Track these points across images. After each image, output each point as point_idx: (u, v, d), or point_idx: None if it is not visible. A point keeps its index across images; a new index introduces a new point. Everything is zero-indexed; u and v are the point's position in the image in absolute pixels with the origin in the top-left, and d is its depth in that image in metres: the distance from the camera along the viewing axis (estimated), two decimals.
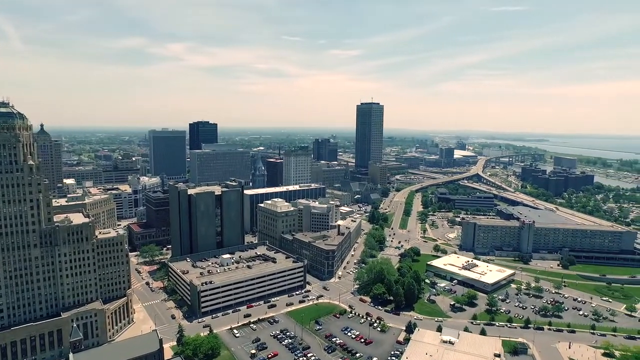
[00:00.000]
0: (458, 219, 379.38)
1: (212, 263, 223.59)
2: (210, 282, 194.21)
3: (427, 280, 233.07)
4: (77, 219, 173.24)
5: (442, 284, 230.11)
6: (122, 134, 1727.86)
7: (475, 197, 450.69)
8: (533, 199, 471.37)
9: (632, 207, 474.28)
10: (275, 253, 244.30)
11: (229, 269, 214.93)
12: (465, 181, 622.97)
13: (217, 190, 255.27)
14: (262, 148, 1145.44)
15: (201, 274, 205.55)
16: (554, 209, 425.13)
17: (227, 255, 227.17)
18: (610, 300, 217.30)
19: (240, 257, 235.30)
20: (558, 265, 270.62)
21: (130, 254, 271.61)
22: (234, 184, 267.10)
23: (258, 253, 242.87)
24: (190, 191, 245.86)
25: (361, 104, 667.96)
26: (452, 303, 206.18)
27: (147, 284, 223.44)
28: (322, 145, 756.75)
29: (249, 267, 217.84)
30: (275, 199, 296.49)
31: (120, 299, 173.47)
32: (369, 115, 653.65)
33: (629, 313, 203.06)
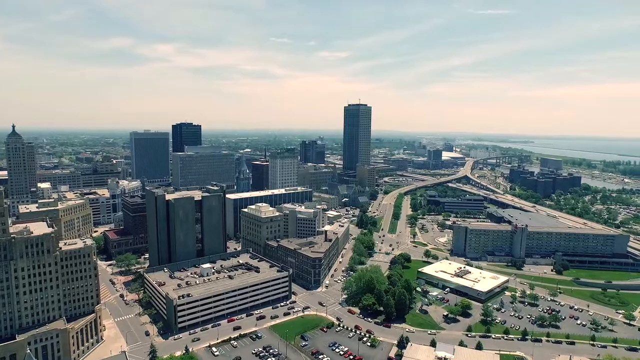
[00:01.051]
0: (448, 223, 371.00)
1: (191, 273, 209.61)
2: (188, 295, 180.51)
3: (418, 289, 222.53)
4: (39, 229, 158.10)
5: (434, 292, 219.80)
6: (107, 136, 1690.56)
7: (465, 200, 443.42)
8: (525, 203, 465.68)
9: (619, 208, 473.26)
10: (259, 261, 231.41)
11: (209, 279, 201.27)
12: (454, 183, 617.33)
13: (198, 195, 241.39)
14: (248, 150, 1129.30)
15: (179, 285, 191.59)
16: (538, 211, 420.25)
17: (208, 265, 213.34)
18: (609, 307, 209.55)
19: (221, 266, 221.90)
20: (552, 270, 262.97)
21: (105, 263, 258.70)
22: (215, 188, 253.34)
23: (241, 262, 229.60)
24: (169, 196, 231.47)
25: (349, 105, 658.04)
26: (445, 313, 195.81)
27: (122, 296, 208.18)
28: (309, 147, 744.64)
29: (230, 277, 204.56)
30: (259, 204, 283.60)
31: (87, 316, 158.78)
32: (356, 117, 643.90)
33: (628, 322, 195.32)
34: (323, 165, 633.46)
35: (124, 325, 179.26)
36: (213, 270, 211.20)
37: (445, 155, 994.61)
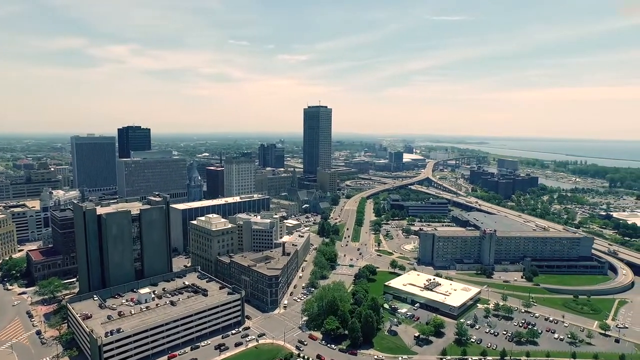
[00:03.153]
0: (413, 228, 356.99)
1: (126, 300, 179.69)
2: (119, 330, 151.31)
3: (386, 305, 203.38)
4: None
5: (403, 309, 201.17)
6: (55, 140, 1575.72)
7: (429, 203, 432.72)
8: (488, 205, 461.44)
9: (575, 208, 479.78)
10: (207, 282, 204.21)
11: (147, 307, 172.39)
12: (417, 185, 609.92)
13: (136, 207, 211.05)
14: (206, 154, 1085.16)
15: (109, 317, 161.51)
16: (501, 212, 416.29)
17: (146, 290, 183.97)
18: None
19: (164, 289, 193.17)
20: (522, 277, 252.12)
21: (26, 289, 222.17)
22: (157, 199, 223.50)
23: (187, 283, 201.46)
24: (101, 210, 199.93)
25: (308, 107, 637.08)
26: (416, 334, 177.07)
27: (38, 332, 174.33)
28: (268, 150, 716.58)
29: (172, 303, 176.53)
30: (210, 215, 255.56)
31: None
32: (316, 119, 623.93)
33: (604, 332, 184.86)
34: (282, 169, 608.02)
35: None
36: (153, 296, 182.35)
37: (406, 157, 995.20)
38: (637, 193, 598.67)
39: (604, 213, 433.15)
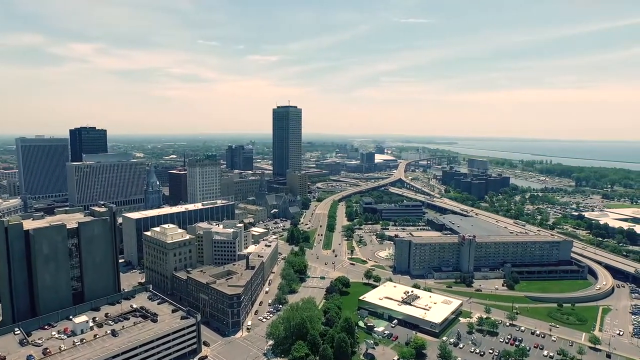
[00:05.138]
0: (387, 233, 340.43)
1: (57, 332, 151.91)
2: None
3: (361, 323, 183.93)
4: None
5: (380, 327, 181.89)
6: (10, 143, 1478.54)
7: (403, 206, 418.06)
8: (463, 206, 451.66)
9: (547, 208, 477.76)
10: (159, 304, 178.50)
11: (82, 340, 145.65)
12: (390, 187, 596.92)
13: (74, 220, 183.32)
14: (174, 156, 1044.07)
15: (28, 359, 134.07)
16: (477, 214, 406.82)
17: (83, 318, 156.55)
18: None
19: (107, 315, 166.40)
20: (503, 285, 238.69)
21: None
22: (101, 209, 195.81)
23: (134, 306, 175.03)
24: (29, 225, 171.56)
25: (277, 107, 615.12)
26: (395, 358, 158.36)
27: None
28: (236, 152, 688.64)
29: (113, 333, 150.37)
30: (165, 225, 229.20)
31: None
32: (286, 120, 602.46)
33: (594, 345, 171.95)
34: (250, 172, 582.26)
35: None
36: (91, 325, 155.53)
37: (378, 158, 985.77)
38: (603, 192, 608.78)
39: (575, 213, 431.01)
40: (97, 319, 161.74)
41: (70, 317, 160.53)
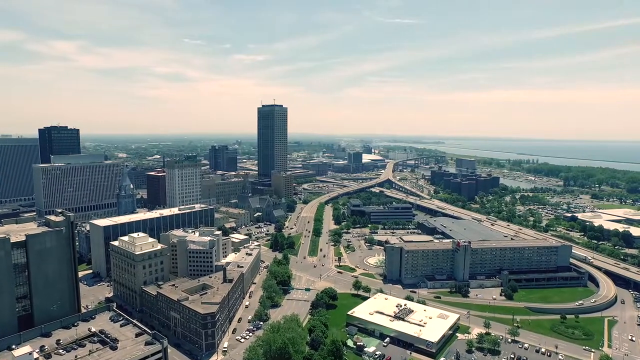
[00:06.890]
0: (376, 237, 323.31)
1: None
2: None
3: (349, 342, 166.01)
4: None
5: (371, 347, 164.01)
6: None
7: (393, 208, 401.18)
8: (453, 208, 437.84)
9: (538, 209, 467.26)
10: (122, 326, 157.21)
11: None
12: (378, 188, 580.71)
13: (23, 232, 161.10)
14: (157, 157, 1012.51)
15: None
16: (467, 216, 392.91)
17: (26, 349, 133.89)
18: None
19: (58, 342, 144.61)
20: (501, 294, 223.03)
21: None
22: (58, 219, 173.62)
23: (93, 329, 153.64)
24: None
25: (262, 106, 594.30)
26: None
27: None
28: (219, 152, 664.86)
29: None
30: (134, 234, 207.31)
31: None
32: (271, 119, 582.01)
33: None
34: (234, 173, 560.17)
35: None
36: (35, 357, 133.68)
37: (366, 158, 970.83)
38: (591, 192, 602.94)
39: (568, 214, 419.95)
40: (45, 347, 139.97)
41: (14, 346, 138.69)
